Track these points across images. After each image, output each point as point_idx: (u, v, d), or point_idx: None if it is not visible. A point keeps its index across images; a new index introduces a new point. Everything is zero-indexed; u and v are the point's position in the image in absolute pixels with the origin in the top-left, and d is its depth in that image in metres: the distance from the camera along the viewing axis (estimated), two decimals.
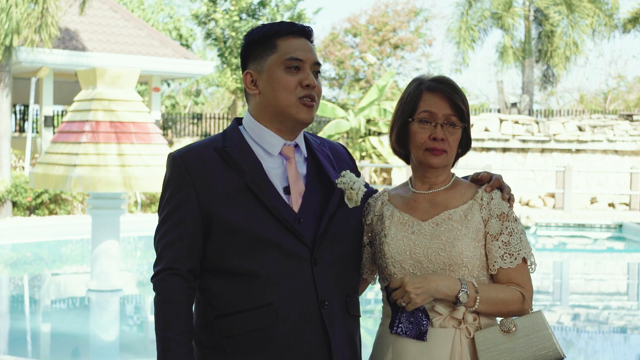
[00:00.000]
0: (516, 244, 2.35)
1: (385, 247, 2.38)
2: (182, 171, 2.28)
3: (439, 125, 2.36)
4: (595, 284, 11.83)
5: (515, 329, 2.28)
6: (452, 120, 2.37)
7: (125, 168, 8.58)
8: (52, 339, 7.95)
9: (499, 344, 2.28)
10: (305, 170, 2.37)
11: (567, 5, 24.80)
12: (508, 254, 2.35)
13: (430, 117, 2.36)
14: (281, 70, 2.29)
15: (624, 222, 17.06)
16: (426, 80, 2.41)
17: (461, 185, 2.45)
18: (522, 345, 2.27)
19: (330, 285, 2.28)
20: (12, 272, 11.65)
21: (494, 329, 2.30)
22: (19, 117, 25.55)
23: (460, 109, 2.37)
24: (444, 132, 2.36)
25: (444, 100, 2.36)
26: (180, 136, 27.51)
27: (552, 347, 2.26)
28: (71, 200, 16.72)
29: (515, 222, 2.37)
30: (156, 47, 20.89)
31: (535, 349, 2.26)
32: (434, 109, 2.36)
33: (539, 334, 2.27)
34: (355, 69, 30.21)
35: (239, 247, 2.24)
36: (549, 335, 2.27)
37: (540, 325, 2.28)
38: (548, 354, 2.27)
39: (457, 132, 2.39)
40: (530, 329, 2.28)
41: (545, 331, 2.27)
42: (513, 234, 2.36)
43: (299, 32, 2.34)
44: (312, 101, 2.31)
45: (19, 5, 15.82)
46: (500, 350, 2.27)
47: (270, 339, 2.22)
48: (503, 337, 2.29)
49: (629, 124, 20.40)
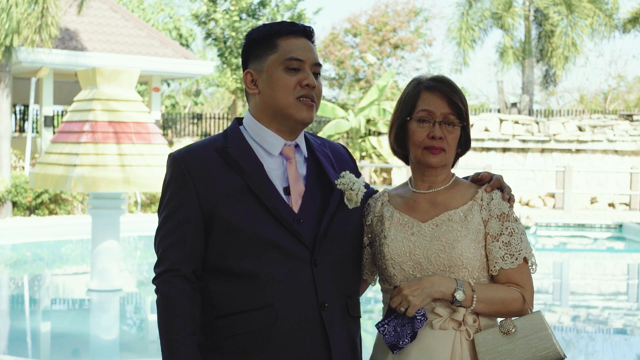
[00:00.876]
0: (517, 244, 2.35)
1: (385, 249, 2.37)
2: (183, 171, 2.28)
3: (437, 124, 2.36)
4: (595, 284, 11.83)
5: (515, 329, 2.28)
6: (450, 119, 2.36)
7: (125, 168, 8.57)
8: (52, 339, 7.95)
9: (499, 346, 2.27)
10: (306, 170, 2.36)
11: (567, 5, 24.80)
12: (509, 254, 2.34)
13: (429, 116, 2.36)
14: (281, 70, 2.29)
15: (624, 222, 17.05)
16: (425, 79, 2.42)
17: (461, 186, 2.44)
18: (522, 347, 2.26)
19: (330, 287, 2.27)
20: (12, 272, 11.65)
21: (494, 331, 2.29)
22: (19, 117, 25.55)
23: (458, 107, 2.37)
24: (442, 131, 2.35)
25: (442, 99, 2.36)
26: (180, 136, 27.51)
27: (552, 347, 2.25)
28: (71, 200, 16.72)
29: (515, 223, 2.37)
30: (156, 47, 20.89)
31: (535, 349, 2.25)
32: (432, 108, 2.36)
33: (539, 334, 2.26)
34: (355, 69, 30.21)
35: (239, 247, 2.23)
36: (549, 336, 2.26)
37: (539, 325, 2.27)
38: (548, 354, 2.26)
39: (455, 131, 2.38)
40: (529, 329, 2.27)
41: (545, 332, 2.26)
42: (514, 234, 2.35)
43: (299, 32, 2.33)
44: (312, 101, 2.30)
45: (19, 5, 15.82)
46: (500, 351, 2.26)
47: (270, 340, 2.22)
48: (503, 338, 2.28)
49: (629, 124, 20.40)
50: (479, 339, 2.30)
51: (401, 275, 2.35)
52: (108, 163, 8.54)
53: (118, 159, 8.62)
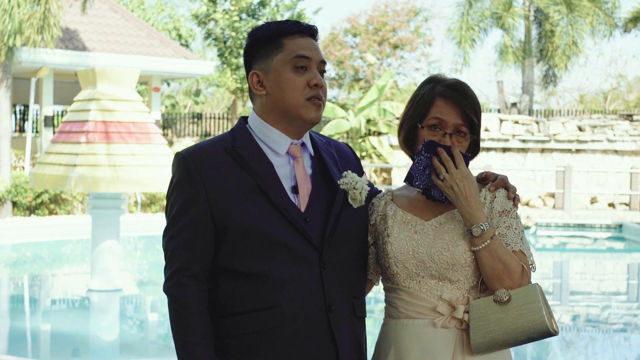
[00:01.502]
0: (513, 237, 2.33)
1: (388, 247, 2.37)
2: (192, 171, 2.25)
3: (447, 134, 2.34)
4: (595, 284, 11.83)
5: (509, 299, 2.24)
6: (461, 130, 2.35)
7: (125, 168, 8.57)
8: (52, 339, 7.95)
9: (491, 314, 2.25)
10: (311, 169, 2.35)
11: (567, 5, 24.80)
12: (505, 244, 2.31)
13: (440, 125, 2.35)
14: (288, 69, 2.27)
15: (624, 222, 17.05)
16: (441, 83, 2.39)
17: None
18: (512, 316, 2.23)
19: (338, 289, 2.27)
20: (12, 272, 11.65)
21: (488, 299, 2.27)
22: (19, 117, 25.56)
23: (471, 120, 2.35)
24: (452, 141, 2.35)
25: (456, 110, 2.34)
26: (180, 136, 27.51)
27: (540, 319, 2.21)
28: (71, 200, 16.72)
29: (515, 219, 2.35)
30: (156, 47, 20.89)
31: (524, 320, 2.22)
32: (445, 117, 2.34)
33: (530, 306, 2.22)
34: (355, 69, 30.21)
35: (250, 247, 2.22)
36: (539, 308, 2.21)
37: (532, 297, 2.23)
38: (536, 326, 2.21)
39: (465, 141, 2.38)
40: (523, 300, 2.24)
41: (537, 304, 2.22)
42: (511, 228, 2.33)
43: (305, 31, 2.32)
44: (320, 100, 2.29)
45: (22, 5, 15.83)
46: (491, 319, 2.24)
47: (277, 340, 2.21)
48: (495, 306, 2.25)
49: (629, 124, 20.40)
50: (474, 305, 2.28)
51: (404, 273, 2.35)
52: (108, 163, 8.54)
53: (118, 159, 8.62)
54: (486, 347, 2.26)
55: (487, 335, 2.25)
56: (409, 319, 2.34)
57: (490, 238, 2.27)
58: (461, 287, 2.33)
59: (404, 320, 2.35)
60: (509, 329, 2.23)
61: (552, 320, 2.26)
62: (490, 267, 2.27)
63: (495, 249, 2.27)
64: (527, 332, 2.23)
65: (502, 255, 2.27)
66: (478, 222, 2.27)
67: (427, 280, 2.34)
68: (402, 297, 2.36)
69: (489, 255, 2.27)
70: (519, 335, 2.24)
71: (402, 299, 2.36)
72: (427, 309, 2.33)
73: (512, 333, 2.24)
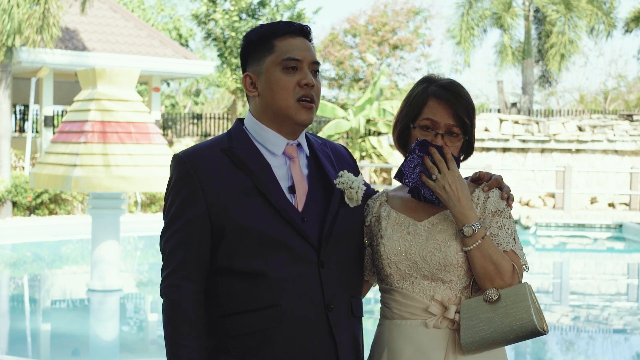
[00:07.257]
0: (505, 237, 2.32)
1: (381, 248, 2.37)
2: (189, 172, 2.26)
3: (439, 135, 2.35)
4: (595, 284, 11.83)
5: (498, 298, 2.25)
6: (454, 130, 2.35)
7: (125, 168, 8.58)
8: (52, 339, 7.95)
9: (480, 313, 2.25)
10: (307, 169, 2.36)
11: (565, 5, 24.80)
12: (496, 243, 2.31)
13: (432, 125, 2.35)
14: (279, 71, 2.28)
15: (624, 222, 17.06)
16: (435, 83, 2.39)
17: None
18: (501, 315, 2.23)
19: (336, 288, 2.28)
20: (12, 272, 11.65)
21: (479, 299, 2.28)
22: (19, 117, 25.56)
23: (463, 121, 2.35)
24: (444, 142, 2.35)
25: (448, 110, 2.34)
26: (180, 136, 27.52)
27: (528, 318, 2.21)
28: (71, 200, 16.73)
29: (508, 219, 2.35)
30: (156, 47, 20.89)
31: (513, 319, 2.22)
32: (437, 118, 2.35)
33: (519, 304, 2.22)
34: (354, 69, 30.22)
35: (248, 247, 2.23)
36: (528, 307, 2.21)
37: (522, 296, 2.23)
38: (524, 325, 2.21)
39: (458, 142, 2.37)
40: (512, 299, 2.24)
41: (525, 302, 2.22)
42: (503, 228, 2.33)
43: (296, 32, 2.32)
44: (311, 102, 2.30)
45: (21, 5, 15.84)
46: (481, 319, 2.24)
47: (276, 340, 2.21)
48: (485, 306, 2.26)
49: (629, 124, 20.41)
50: (464, 304, 2.28)
51: (397, 274, 2.35)
52: (108, 163, 8.54)
53: (118, 159, 8.62)
54: (476, 346, 2.26)
55: (477, 334, 2.25)
56: (402, 319, 2.35)
57: (481, 238, 2.27)
58: (453, 287, 2.33)
59: (398, 320, 2.36)
60: (498, 328, 2.24)
61: (542, 320, 2.25)
62: (482, 267, 2.27)
63: (487, 249, 2.27)
64: (516, 331, 2.23)
65: (493, 255, 2.27)
66: (469, 222, 2.27)
67: (420, 281, 2.34)
68: (396, 298, 2.37)
69: (480, 255, 2.27)
70: (508, 334, 2.24)
71: (395, 299, 2.37)
72: (419, 309, 2.33)
73: (501, 332, 2.24)
